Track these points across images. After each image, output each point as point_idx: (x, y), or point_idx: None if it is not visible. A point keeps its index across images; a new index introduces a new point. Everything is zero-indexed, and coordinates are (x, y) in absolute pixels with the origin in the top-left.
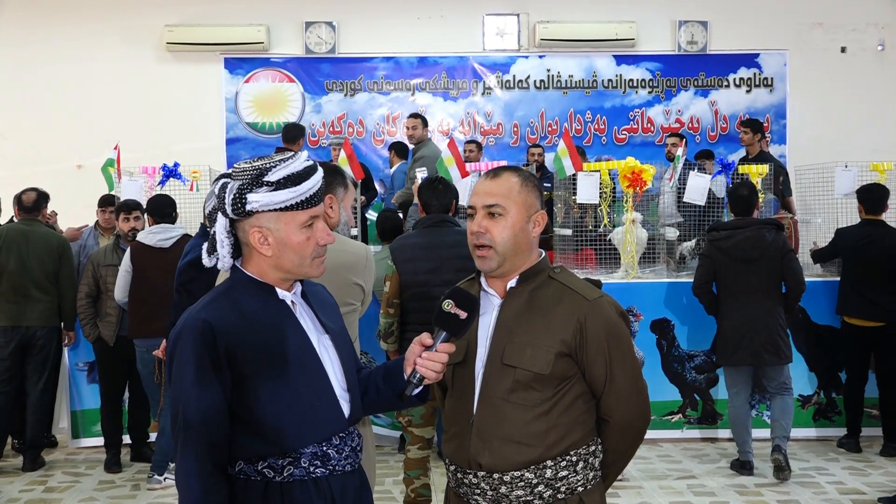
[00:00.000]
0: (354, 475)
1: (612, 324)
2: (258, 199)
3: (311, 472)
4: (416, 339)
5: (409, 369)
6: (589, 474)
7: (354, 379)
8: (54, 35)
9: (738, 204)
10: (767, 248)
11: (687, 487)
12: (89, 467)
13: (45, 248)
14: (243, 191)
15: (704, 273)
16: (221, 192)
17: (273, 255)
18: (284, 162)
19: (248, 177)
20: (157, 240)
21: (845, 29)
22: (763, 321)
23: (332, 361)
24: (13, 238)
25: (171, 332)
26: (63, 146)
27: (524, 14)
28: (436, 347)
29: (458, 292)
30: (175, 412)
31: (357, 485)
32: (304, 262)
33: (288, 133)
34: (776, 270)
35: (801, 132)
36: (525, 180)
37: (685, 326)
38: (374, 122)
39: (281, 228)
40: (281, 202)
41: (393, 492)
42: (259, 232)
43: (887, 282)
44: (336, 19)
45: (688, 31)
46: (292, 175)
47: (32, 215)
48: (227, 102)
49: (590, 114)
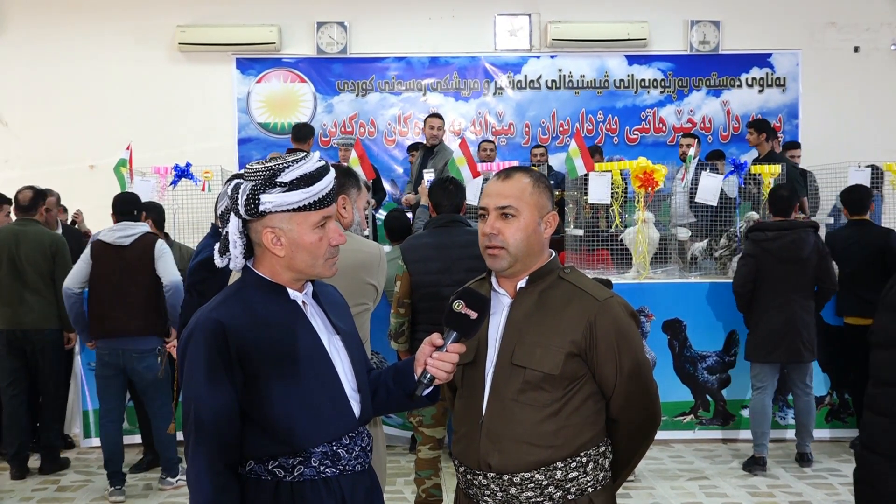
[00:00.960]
0: (365, 475)
1: (622, 324)
2: (271, 199)
3: (322, 471)
4: (427, 339)
5: (419, 370)
6: (599, 475)
7: (365, 379)
8: (66, 36)
9: (779, 204)
10: (810, 250)
11: (699, 488)
12: (102, 466)
13: (37, 249)
14: (256, 191)
15: (749, 272)
16: (234, 192)
17: (286, 255)
18: (297, 163)
19: (260, 177)
20: (116, 237)
21: (858, 28)
22: (803, 320)
23: (343, 362)
24: (3, 240)
25: (182, 331)
26: (75, 146)
27: (536, 14)
28: (446, 347)
29: (468, 292)
30: (187, 411)
31: (368, 485)
32: (317, 263)
33: (298, 132)
34: (813, 271)
35: (814, 132)
36: (537, 181)
37: (697, 327)
38: (386, 122)
39: (294, 229)
40: (294, 203)
41: (404, 492)
42: (272, 232)
43: (878, 279)
44: (348, 19)
45: (700, 30)
46: (305, 176)
47: (29, 214)
48: (239, 103)
49: (601, 114)
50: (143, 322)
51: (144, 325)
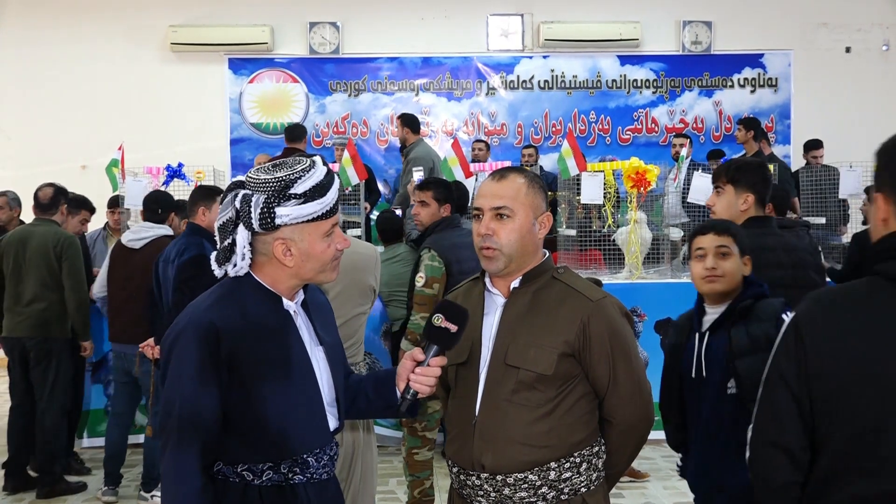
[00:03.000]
0: (330, 483)
1: (615, 324)
2: (288, 212)
3: (290, 478)
4: (408, 353)
5: (402, 384)
6: (592, 475)
7: (342, 390)
8: (58, 35)
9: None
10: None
11: None
12: (95, 467)
13: (41, 252)
14: (271, 204)
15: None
16: (245, 205)
17: (295, 265)
18: (307, 172)
19: (272, 189)
20: (129, 239)
21: (850, 29)
22: None
23: (323, 373)
24: (10, 243)
25: (169, 329)
26: (67, 146)
27: (528, 14)
28: (428, 362)
29: (447, 305)
30: (169, 408)
31: (333, 492)
32: (325, 269)
33: (292, 133)
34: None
35: (806, 132)
36: (531, 182)
37: None
38: (378, 122)
39: (305, 239)
40: (309, 214)
41: (397, 492)
42: (283, 244)
43: None
44: (340, 20)
45: (692, 31)
46: (318, 185)
47: (48, 214)
48: (231, 103)
49: (594, 114)
50: (146, 328)
51: (147, 331)
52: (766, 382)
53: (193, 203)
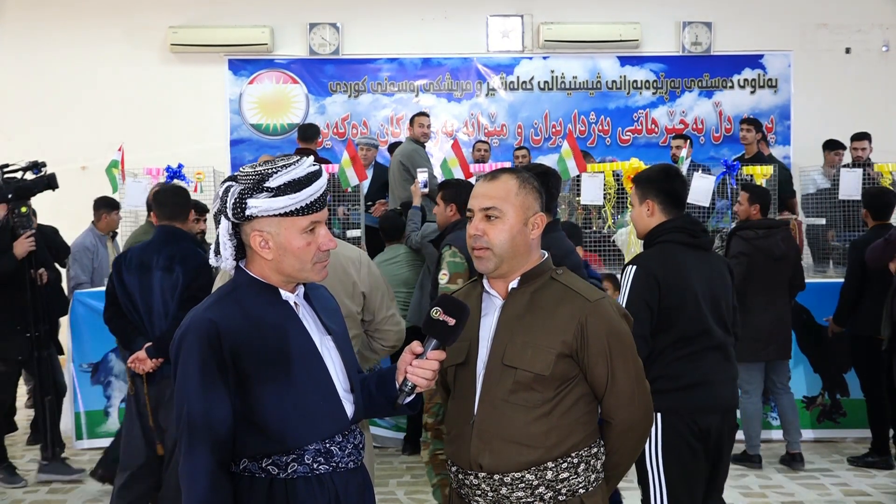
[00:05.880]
0: (357, 472)
1: (613, 324)
2: (257, 204)
3: (315, 468)
4: (407, 347)
5: (400, 378)
6: (591, 476)
7: (357, 379)
8: (58, 36)
9: (762, 200)
10: (793, 248)
11: None
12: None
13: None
14: (244, 196)
15: (743, 270)
16: (224, 195)
17: (273, 258)
18: (287, 168)
19: (249, 182)
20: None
21: (850, 30)
22: (787, 317)
23: (335, 362)
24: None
25: (175, 334)
26: (67, 148)
27: (528, 15)
28: (426, 355)
29: (446, 299)
30: (179, 411)
31: (360, 482)
32: (305, 267)
33: (304, 133)
34: (791, 269)
35: (806, 133)
36: (523, 183)
37: None
38: (378, 123)
39: (281, 233)
40: (279, 208)
41: (397, 493)
42: (259, 235)
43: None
44: (340, 20)
45: (692, 31)
46: (293, 181)
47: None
48: (231, 104)
49: (594, 115)
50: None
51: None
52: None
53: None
